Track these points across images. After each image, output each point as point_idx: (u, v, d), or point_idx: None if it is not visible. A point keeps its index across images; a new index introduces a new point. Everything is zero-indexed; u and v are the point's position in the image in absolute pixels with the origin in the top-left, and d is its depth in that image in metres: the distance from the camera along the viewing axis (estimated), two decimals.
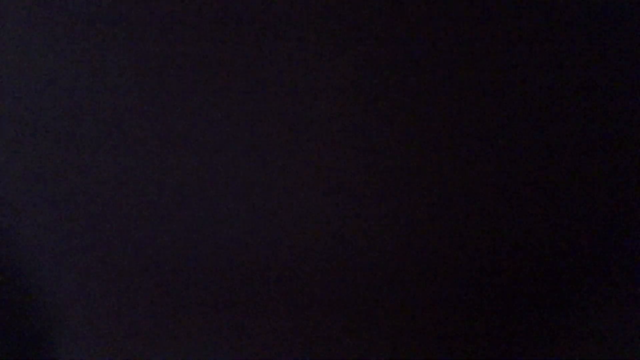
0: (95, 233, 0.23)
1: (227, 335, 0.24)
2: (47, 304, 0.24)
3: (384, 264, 0.23)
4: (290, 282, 0.23)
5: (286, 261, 0.23)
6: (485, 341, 0.24)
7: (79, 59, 0.23)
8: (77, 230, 0.24)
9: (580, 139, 0.23)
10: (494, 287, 0.23)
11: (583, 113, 0.23)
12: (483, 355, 0.24)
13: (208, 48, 0.22)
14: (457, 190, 0.23)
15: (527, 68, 0.22)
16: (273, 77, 0.22)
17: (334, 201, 0.23)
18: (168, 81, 0.22)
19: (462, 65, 0.22)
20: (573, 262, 0.24)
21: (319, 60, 0.22)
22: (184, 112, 0.22)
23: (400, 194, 0.22)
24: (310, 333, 0.24)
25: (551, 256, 0.23)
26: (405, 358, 0.24)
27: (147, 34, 0.22)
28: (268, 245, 0.23)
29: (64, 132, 0.23)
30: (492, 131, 0.22)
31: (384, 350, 0.24)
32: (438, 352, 0.24)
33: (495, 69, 0.22)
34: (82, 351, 0.25)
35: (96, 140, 0.23)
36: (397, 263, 0.23)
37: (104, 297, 0.24)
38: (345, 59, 0.22)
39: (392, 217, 0.23)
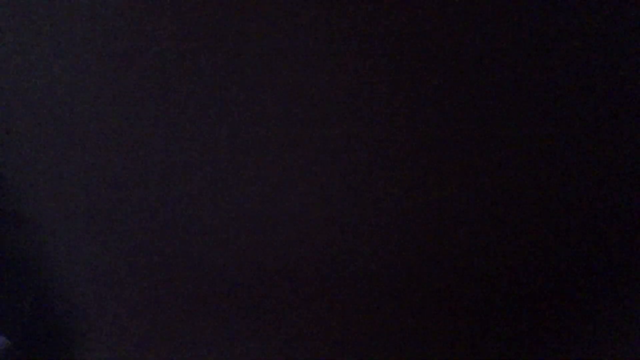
0: (108, 234, 0.24)
1: (234, 336, 0.24)
2: (68, 305, 0.25)
3: (384, 265, 0.23)
4: (293, 284, 0.23)
5: (289, 263, 0.23)
6: (485, 342, 0.24)
7: (81, 59, 0.23)
8: (96, 232, 0.24)
9: (581, 139, 0.23)
10: (493, 289, 0.23)
11: (583, 113, 0.22)
12: (483, 355, 0.24)
13: (208, 48, 0.22)
14: (457, 192, 0.23)
15: (527, 68, 0.22)
16: (272, 78, 0.22)
17: (333, 202, 0.23)
18: (169, 81, 0.22)
19: (462, 65, 0.22)
20: (573, 263, 0.24)
21: (318, 61, 0.22)
22: (187, 113, 0.22)
23: (400, 195, 0.23)
24: (309, 334, 0.24)
25: (551, 258, 0.23)
26: (404, 358, 0.24)
27: (149, 34, 0.22)
28: (277, 247, 0.23)
29: (78, 134, 0.23)
30: (492, 132, 0.22)
31: (383, 350, 0.24)
32: (438, 353, 0.24)
33: (495, 70, 0.22)
34: (99, 351, 0.25)
35: (107, 143, 0.23)
36: (397, 264, 0.23)
37: (118, 300, 0.24)
38: (344, 59, 0.22)
39: (393, 218, 0.23)
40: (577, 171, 0.23)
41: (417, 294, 0.24)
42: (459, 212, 0.23)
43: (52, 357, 0.25)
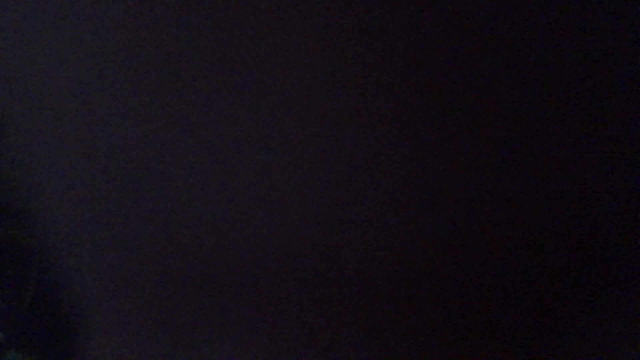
0: (109, 230, 0.24)
1: (235, 334, 0.24)
2: (68, 301, 0.25)
3: (384, 265, 0.23)
4: (295, 283, 0.23)
5: (291, 261, 0.23)
6: (485, 342, 0.24)
7: (82, 59, 0.23)
8: (98, 227, 0.24)
9: (581, 139, 0.23)
10: (493, 288, 0.23)
11: (582, 113, 0.23)
12: (483, 355, 0.24)
13: (209, 47, 0.22)
14: (457, 191, 0.23)
15: (527, 68, 0.22)
16: (271, 76, 0.22)
17: (334, 201, 0.23)
18: (171, 78, 0.23)
19: (462, 65, 0.22)
20: (573, 264, 0.24)
21: (317, 60, 0.22)
22: (189, 109, 0.23)
23: (400, 194, 0.23)
24: (309, 333, 0.24)
25: (551, 258, 0.23)
26: (404, 358, 0.24)
27: (149, 33, 0.22)
28: (279, 247, 0.23)
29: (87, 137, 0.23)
30: (492, 132, 0.22)
31: (382, 350, 0.24)
32: (437, 353, 0.24)
33: (496, 70, 0.22)
34: (99, 348, 0.25)
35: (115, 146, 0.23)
36: (397, 263, 0.23)
37: (119, 296, 0.24)
38: (344, 58, 0.22)
39: (393, 218, 0.23)
40: (578, 172, 0.23)
41: (417, 294, 0.24)
42: (461, 211, 0.23)
43: (51, 353, 0.25)
